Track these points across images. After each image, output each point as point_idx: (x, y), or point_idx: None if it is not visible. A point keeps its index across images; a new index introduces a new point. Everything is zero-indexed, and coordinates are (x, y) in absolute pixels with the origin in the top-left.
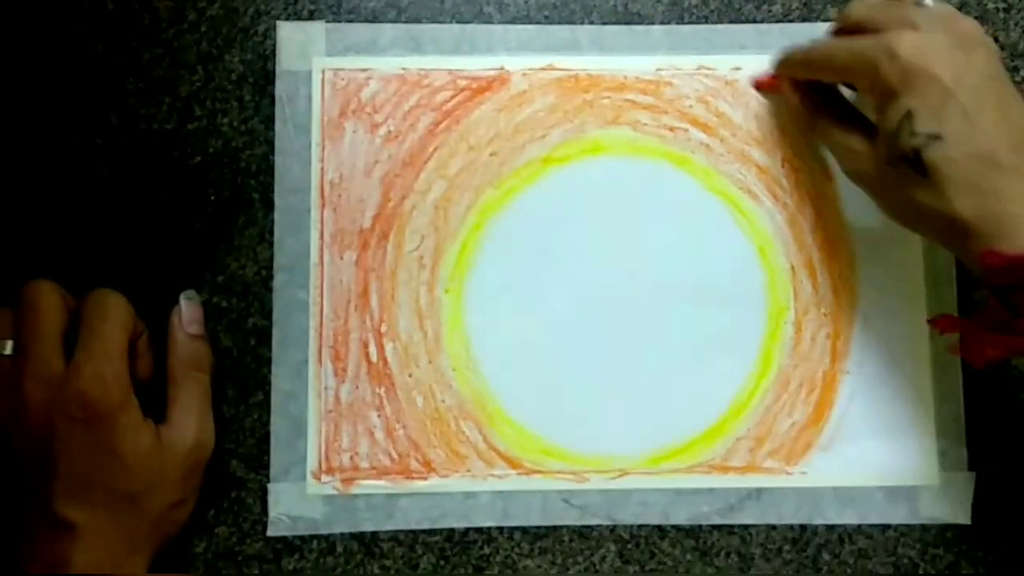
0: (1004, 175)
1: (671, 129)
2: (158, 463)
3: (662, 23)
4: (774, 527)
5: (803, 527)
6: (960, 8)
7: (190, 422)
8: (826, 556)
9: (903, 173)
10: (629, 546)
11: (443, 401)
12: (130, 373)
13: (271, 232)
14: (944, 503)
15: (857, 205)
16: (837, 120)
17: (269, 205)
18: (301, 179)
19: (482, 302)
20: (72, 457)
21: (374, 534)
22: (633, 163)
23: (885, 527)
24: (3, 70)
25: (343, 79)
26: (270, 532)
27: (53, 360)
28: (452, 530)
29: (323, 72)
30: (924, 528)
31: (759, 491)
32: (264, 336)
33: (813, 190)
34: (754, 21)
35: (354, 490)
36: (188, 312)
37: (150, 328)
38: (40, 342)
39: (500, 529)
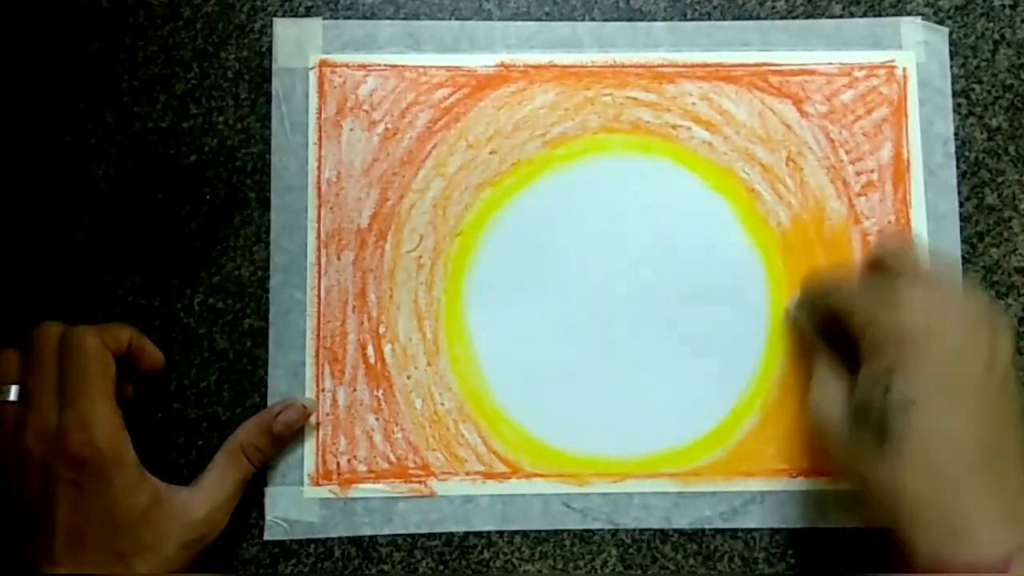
0: (970, 470)
1: (673, 127)
2: (155, 524)
3: (664, 19)
4: (777, 531)
5: (807, 531)
6: (967, 5)
7: (214, 496)
8: (830, 560)
9: (864, 431)
10: (631, 550)
11: (442, 403)
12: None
13: (267, 232)
14: None
15: (862, 207)
16: (829, 353)
17: (265, 204)
18: (298, 178)
19: (482, 303)
20: (65, 516)
21: (372, 538)
22: (635, 161)
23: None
24: None
25: (340, 76)
26: (267, 536)
27: (51, 413)
28: (451, 534)
29: (320, 69)
30: None
31: (763, 494)
32: (260, 337)
33: (817, 188)
34: (757, 17)
35: (352, 494)
36: (288, 416)
37: (146, 328)
38: (40, 393)
39: (500, 533)
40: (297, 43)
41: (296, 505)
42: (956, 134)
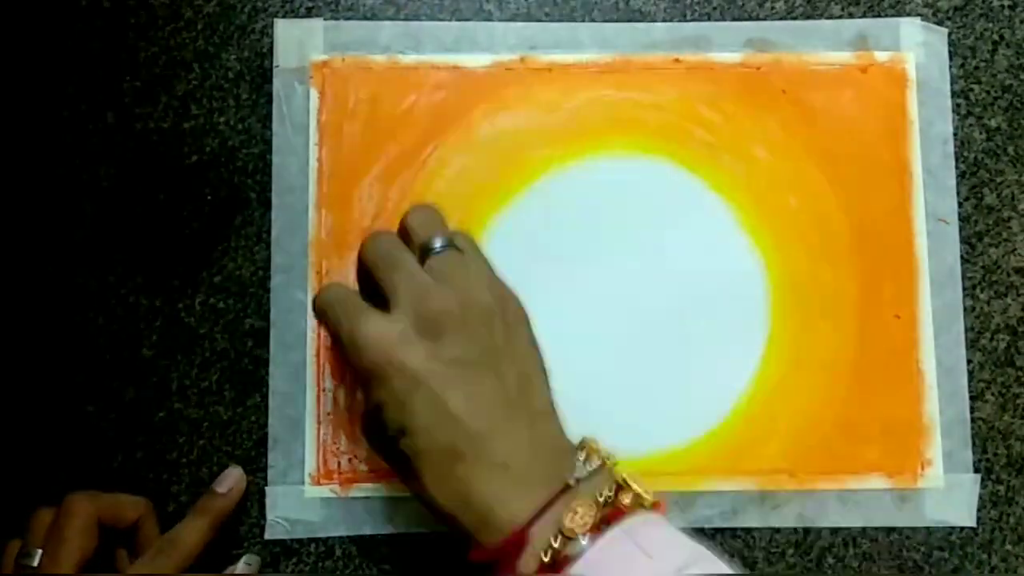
0: (467, 464)
1: (674, 128)
2: None
3: (664, 20)
4: (777, 530)
5: (806, 530)
6: (966, 6)
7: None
8: (830, 559)
9: (392, 456)
10: None
11: None
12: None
13: (268, 232)
14: (949, 506)
15: (861, 207)
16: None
17: (267, 204)
18: (299, 178)
19: None
20: None
21: (373, 538)
22: (635, 162)
23: (889, 530)
24: None
25: (341, 77)
26: (268, 535)
27: None
28: None
29: (321, 70)
30: (929, 531)
31: (762, 494)
32: (262, 337)
33: (818, 191)
34: (757, 18)
35: (353, 493)
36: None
37: (147, 328)
38: (54, 567)
39: None
40: (298, 44)
41: (297, 504)
42: (955, 134)
